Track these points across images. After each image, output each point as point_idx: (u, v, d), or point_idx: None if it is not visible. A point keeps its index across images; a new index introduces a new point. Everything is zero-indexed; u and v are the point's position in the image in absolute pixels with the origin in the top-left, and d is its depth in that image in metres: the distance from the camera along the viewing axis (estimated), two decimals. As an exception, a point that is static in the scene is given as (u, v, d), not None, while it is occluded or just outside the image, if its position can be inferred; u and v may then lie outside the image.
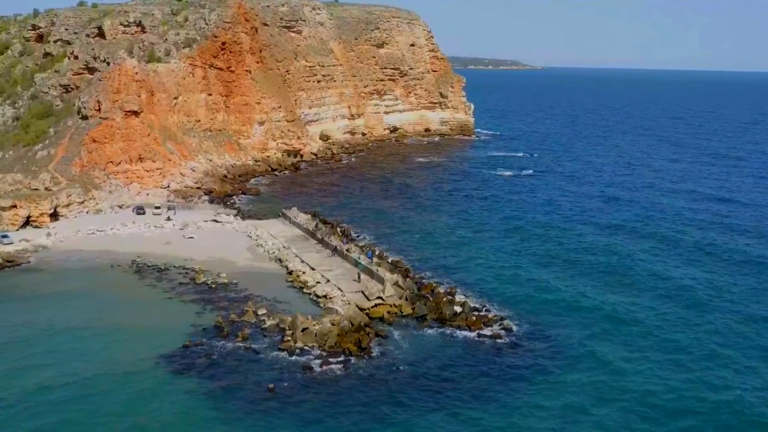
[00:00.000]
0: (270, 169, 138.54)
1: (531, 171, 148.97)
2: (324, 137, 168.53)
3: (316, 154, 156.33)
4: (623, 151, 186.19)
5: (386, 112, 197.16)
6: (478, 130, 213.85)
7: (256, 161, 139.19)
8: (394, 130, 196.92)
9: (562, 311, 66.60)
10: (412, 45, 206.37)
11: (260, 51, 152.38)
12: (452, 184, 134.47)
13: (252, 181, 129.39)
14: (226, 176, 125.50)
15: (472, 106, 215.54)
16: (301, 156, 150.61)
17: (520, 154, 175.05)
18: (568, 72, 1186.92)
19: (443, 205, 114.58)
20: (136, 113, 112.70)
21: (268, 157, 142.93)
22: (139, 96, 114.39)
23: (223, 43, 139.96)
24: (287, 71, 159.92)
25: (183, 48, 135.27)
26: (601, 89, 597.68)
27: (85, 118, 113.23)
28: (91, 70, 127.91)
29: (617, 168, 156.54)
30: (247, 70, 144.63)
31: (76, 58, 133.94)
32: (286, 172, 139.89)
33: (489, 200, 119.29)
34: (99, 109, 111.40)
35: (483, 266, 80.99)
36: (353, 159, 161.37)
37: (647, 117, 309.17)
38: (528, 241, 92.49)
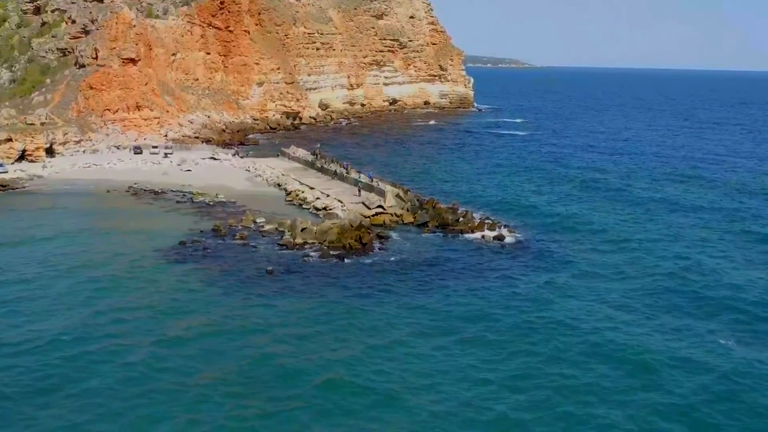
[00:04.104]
0: (269, 127, 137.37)
1: (525, 133, 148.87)
2: (323, 106, 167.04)
3: (314, 118, 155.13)
4: (603, 121, 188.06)
5: (385, 84, 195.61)
6: (478, 105, 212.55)
7: (255, 120, 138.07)
8: (394, 102, 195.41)
9: (562, 225, 65.48)
10: (412, 17, 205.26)
11: (259, 14, 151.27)
12: (448, 138, 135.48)
13: (250, 135, 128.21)
14: (224, 130, 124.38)
15: (472, 80, 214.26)
16: (300, 119, 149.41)
17: (517, 120, 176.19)
18: (568, 71, 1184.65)
19: (439, 153, 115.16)
20: (133, 61, 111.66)
21: (266, 117, 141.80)
22: (136, 44, 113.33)
23: (222, 3, 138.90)
24: (286, 35, 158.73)
25: (181, 6, 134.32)
26: (598, 85, 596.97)
27: (82, 66, 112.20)
28: (88, 34, 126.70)
29: (598, 130, 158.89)
30: (245, 31, 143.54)
31: (73, 22, 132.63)
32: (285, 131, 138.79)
33: (483, 149, 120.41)
34: (96, 57, 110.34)
35: (482, 193, 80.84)
36: (352, 123, 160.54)
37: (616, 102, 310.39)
38: (524, 175, 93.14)
